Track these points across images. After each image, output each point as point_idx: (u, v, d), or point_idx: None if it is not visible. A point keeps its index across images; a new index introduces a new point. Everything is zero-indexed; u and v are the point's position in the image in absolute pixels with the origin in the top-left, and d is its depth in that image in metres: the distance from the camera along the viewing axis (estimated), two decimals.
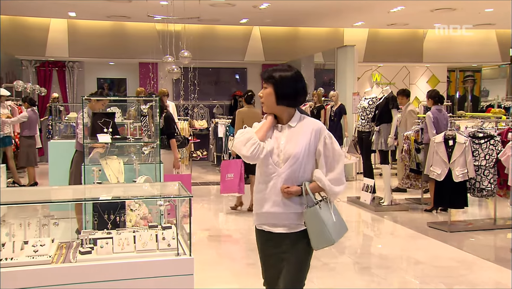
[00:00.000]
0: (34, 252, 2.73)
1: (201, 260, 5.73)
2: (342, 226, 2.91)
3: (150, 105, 4.50)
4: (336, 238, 2.82)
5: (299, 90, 2.84)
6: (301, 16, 13.72)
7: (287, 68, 2.86)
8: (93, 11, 12.68)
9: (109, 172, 4.17)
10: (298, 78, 2.84)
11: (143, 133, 5.98)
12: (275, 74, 2.82)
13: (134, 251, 2.87)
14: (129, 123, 4.59)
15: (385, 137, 8.07)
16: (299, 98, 2.86)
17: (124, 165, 4.44)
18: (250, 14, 13.39)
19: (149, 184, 3.81)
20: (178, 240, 2.96)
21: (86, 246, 2.85)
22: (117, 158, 4.32)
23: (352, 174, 11.54)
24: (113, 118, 4.44)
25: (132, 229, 3.12)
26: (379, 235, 7.39)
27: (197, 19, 13.31)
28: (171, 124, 6.42)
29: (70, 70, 15.23)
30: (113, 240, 2.87)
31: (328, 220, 2.78)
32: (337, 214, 2.89)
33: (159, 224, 3.20)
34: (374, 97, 8.67)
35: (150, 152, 4.58)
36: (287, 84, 2.81)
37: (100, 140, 4.17)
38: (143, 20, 13.70)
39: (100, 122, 4.26)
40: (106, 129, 4.26)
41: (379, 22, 14.52)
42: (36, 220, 2.94)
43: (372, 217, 8.03)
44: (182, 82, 12.65)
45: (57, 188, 4.68)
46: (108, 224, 3.15)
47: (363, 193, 8.62)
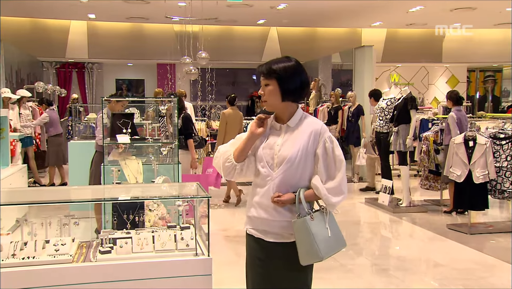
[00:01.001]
0: (56, 251, 2.77)
1: (219, 260, 5.74)
2: (338, 242, 2.58)
3: (169, 106, 4.53)
4: (325, 254, 2.49)
5: (304, 82, 2.57)
6: (319, 17, 13.68)
7: (286, 59, 2.57)
8: (112, 13, 12.82)
9: (128, 172, 4.21)
10: (301, 69, 2.56)
11: (161, 134, 6.03)
12: (276, 67, 2.52)
13: (153, 251, 2.90)
14: (148, 124, 4.61)
15: (404, 138, 8.00)
16: (305, 91, 2.60)
17: (143, 165, 4.48)
18: (268, 14, 13.41)
19: (168, 184, 3.83)
20: (196, 240, 2.98)
21: (106, 245, 2.88)
22: (136, 158, 4.36)
23: None
24: (132, 119, 4.48)
25: (151, 229, 3.15)
26: (397, 237, 7.33)
27: (215, 20, 13.38)
28: (188, 125, 6.46)
29: (89, 71, 15.42)
30: (132, 239, 2.89)
31: (318, 233, 2.48)
32: (334, 227, 2.58)
33: (177, 224, 3.22)
34: (393, 97, 8.60)
35: (168, 152, 4.62)
36: (292, 76, 2.52)
37: (119, 140, 4.21)
38: (161, 22, 13.82)
39: (119, 123, 4.31)
40: (125, 130, 4.31)
41: (397, 22, 14.42)
42: (57, 220, 2.98)
43: (390, 218, 7.96)
44: (200, 83, 12.71)
45: (77, 188, 4.75)
46: (127, 224, 3.18)
47: (381, 194, 8.55)
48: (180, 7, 11.51)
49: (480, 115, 11.57)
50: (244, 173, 2.61)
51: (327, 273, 5.30)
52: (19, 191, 4.11)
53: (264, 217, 2.58)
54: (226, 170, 2.62)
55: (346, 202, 9.24)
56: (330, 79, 14.04)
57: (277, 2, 11.87)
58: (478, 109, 16.92)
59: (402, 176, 8.32)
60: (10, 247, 2.76)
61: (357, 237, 6.90)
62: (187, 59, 10.95)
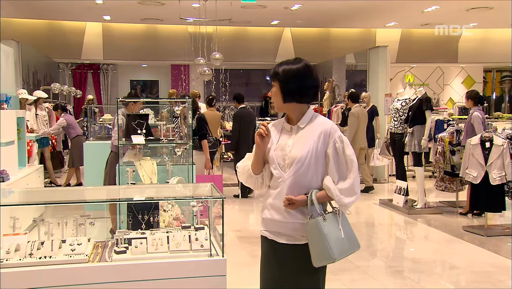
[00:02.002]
0: (72, 250, 2.79)
1: (233, 261, 5.75)
2: (351, 243, 2.56)
3: (183, 107, 4.55)
4: (338, 255, 2.48)
5: (306, 84, 2.55)
6: (333, 17, 13.64)
7: (293, 62, 2.59)
8: (127, 14, 12.91)
9: (143, 173, 4.23)
10: (305, 71, 2.56)
11: (175, 135, 6.05)
12: (279, 69, 2.58)
13: (168, 251, 2.91)
14: (162, 124, 4.63)
15: (419, 139, 7.94)
16: (307, 93, 2.57)
17: (158, 166, 4.50)
18: (281, 15, 13.39)
19: (182, 184, 3.84)
20: (210, 241, 2.98)
21: (121, 245, 2.89)
22: (150, 159, 4.38)
23: (384, 176, 11.38)
24: (146, 120, 4.51)
25: (165, 230, 3.16)
26: (412, 238, 7.27)
27: (229, 21, 13.40)
28: (203, 126, 6.47)
29: (104, 72, 15.55)
30: (147, 240, 2.91)
31: (331, 234, 2.46)
32: (347, 228, 2.55)
33: (192, 225, 3.23)
34: (407, 98, 8.55)
35: (182, 153, 4.63)
36: (292, 78, 2.54)
37: (134, 141, 4.23)
38: (175, 23, 13.88)
39: (134, 124, 4.33)
40: (140, 130, 4.33)
41: (412, 22, 14.31)
42: (73, 220, 3.00)
43: (405, 220, 7.90)
44: (214, 84, 12.75)
45: (92, 188, 4.78)
46: (142, 224, 3.20)
47: (396, 195, 8.49)
48: (194, 8, 11.54)
49: (497, 116, 11.42)
50: (266, 182, 2.65)
51: (342, 274, 5.27)
52: (35, 191, 4.16)
53: (277, 219, 2.59)
54: (252, 184, 2.68)
55: (360, 203, 9.21)
56: (344, 80, 13.98)
57: (291, 3, 11.85)
58: (495, 110, 16.72)
59: (417, 177, 8.26)
60: (28, 246, 2.79)
61: (372, 239, 6.86)
62: (201, 60, 10.98)
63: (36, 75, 12.16)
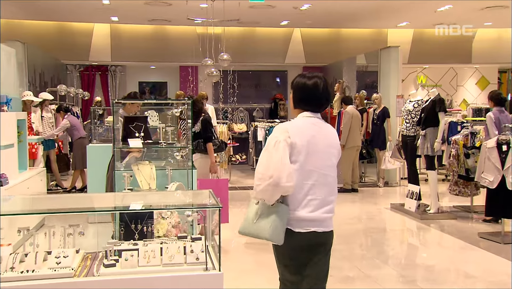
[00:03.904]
0: (57, 264, 2.60)
1: (238, 268, 5.56)
2: (260, 230, 2.74)
3: (182, 109, 4.35)
4: (241, 229, 2.82)
5: (310, 97, 2.89)
6: (343, 17, 13.40)
7: (307, 76, 2.95)
8: (135, 15, 12.78)
9: (141, 178, 4.04)
10: (313, 86, 2.89)
11: (182, 137, 5.85)
12: (295, 80, 2.99)
13: (160, 264, 2.70)
14: (161, 127, 4.43)
15: (432, 141, 7.68)
16: (310, 104, 2.90)
17: (158, 171, 4.30)
18: (291, 16, 13.18)
19: (180, 191, 3.64)
20: (207, 253, 2.77)
21: (111, 258, 2.69)
22: (149, 163, 4.18)
23: (396, 179, 11.11)
24: (145, 122, 4.31)
25: (159, 240, 2.96)
26: (425, 245, 7.00)
27: (237, 22, 13.21)
28: (208, 128, 6.26)
29: (112, 74, 15.44)
30: (139, 252, 2.71)
31: (249, 213, 2.81)
32: (266, 218, 2.73)
33: (189, 234, 3.02)
34: (420, 99, 8.29)
35: (183, 157, 4.43)
36: (300, 90, 2.92)
37: (131, 145, 4.04)
38: (183, 24, 13.73)
39: (132, 126, 4.14)
40: (138, 133, 4.13)
41: (425, 22, 14.01)
42: (61, 229, 2.81)
43: (418, 225, 7.64)
44: (222, 85, 12.55)
45: (85, 195, 4.58)
46: (135, 234, 3.00)
47: (408, 199, 8.23)
48: (202, 9, 11.37)
49: None
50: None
51: (351, 283, 5.05)
52: (31, 199, 3.96)
53: None
54: None
55: (371, 207, 8.97)
56: (354, 81, 13.75)
57: (300, 3, 11.63)
58: (510, 111, 16.31)
59: (430, 181, 7.99)
60: (9, 259, 2.60)
61: (383, 245, 6.61)
62: (208, 61, 10.80)
63: (43, 77, 12.05)
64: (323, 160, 2.82)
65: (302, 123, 2.87)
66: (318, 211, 2.76)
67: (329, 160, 2.85)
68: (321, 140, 2.84)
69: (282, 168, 2.65)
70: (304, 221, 2.74)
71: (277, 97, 16.49)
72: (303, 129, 2.82)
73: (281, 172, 2.64)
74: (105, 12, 12.38)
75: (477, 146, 7.67)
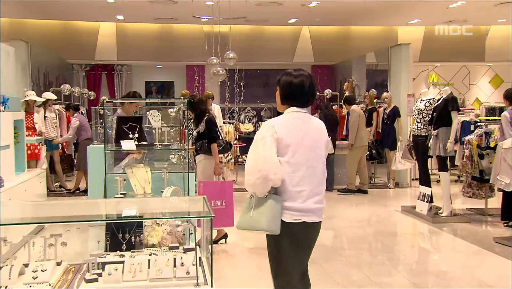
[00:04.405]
0: (33, 278, 2.38)
1: (241, 273, 5.34)
2: (255, 223, 2.87)
3: (178, 108, 4.12)
4: (239, 223, 2.96)
5: (297, 93, 3.03)
6: (353, 15, 13.12)
7: (293, 73, 3.08)
8: (140, 13, 12.60)
9: (135, 182, 3.81)
10: (300, 83, 3.03)
11: (184, 139, 5.63)
12: (282, 77, 3.10)
13: (147, 279, 2.47)
14: (157, 128, 4.21)
15: (444, 142, 7.39)
16: (297, 100, 3.03)
17: (156, 174, 4.07)
18: (299, 13, 12.94)
19: (175, 197, 3.41)
20: (199, 266, 2.54)
21: (94, 272, 2.47)
22: (144, 166, 3.96)
23: (406, 180, 10.82)
24: (140, 122, 4.08)
25: (148, 251, 2.73)
26: (438, 250, 6.71)
27: (244, 20, 12.99)
28: (212, 128, 6.02)
29: (118, 73, 15.29)
30: (124, 265, 2.48)
31: (245, 208, 2.95)
32: (260, 210, 2.86)
33: (183, 244, 2.79)
34: (432, 98, 8.01)
35: (181, 159, 4.19)
36: (288, 87, 3.05)
37: (124, 147, 3.81)
38: (189, 22, 13.53)
39: (126, 127, 3.91)
40: (132, 134, 3.91)
41: (436, 19, 13.68)
42: (41, 240, 2.59)
43: (429, 229, 7.35)
44: (228, 84, 12.33)
45: (75, 202, 4.37)
46: (123, 244, 2.77)
47: (419, 202, 7.95)
48: (208, 7, 11.17)
49: None
50: None
51: None
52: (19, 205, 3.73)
53: None
54: None
55: (381, 210, 8.69)
56: (364, 79, 13.47)
57: (308, 1, 11.39)
58: None
59: (442, 182, 7.70)
60: None
61: (393, 250, 6.34)
62: (214, 59, 10.58)
63: (48, 77, 11.91)
64: (310, 152, 2.96)
65: (288, 118, 3.01)
66: (308, 201, 2.91)
67: (316, 152, 2.99)
68: (307, 134, 2.98)
69: (269, 161, 2.80)
70: (295, 212, 2.89)
71: None
72: (289, 124, 2.97)
73: (268, 165, 2.79)
74: (110, 10, 12.21)
75: (491, 146, 7.38)
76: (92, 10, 12.26)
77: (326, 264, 5.60)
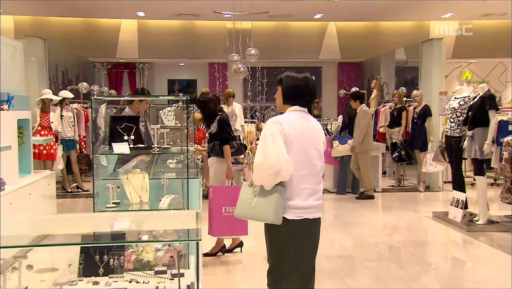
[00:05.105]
0: None
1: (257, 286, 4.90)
2: (261, 213, 2.92)
3: (176, 106, 3.69)
4: (238, 210, 3.01)
5: (299, 93, 3.09)
6: (381, 9, 12.54)
7: (295, 73, 3.14)
8: (161, 9, 12.30)
9: (130, 190, 3.41)
10: (302, 83, 3.10)
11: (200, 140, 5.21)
12: (283, 77, 3.15)
13: None
14: (156, 128, 3.80)
15: (480, 143, 6.80)
16: (300, 100, 3.09)
17: (155, 180, 3.66)
18: (325, 8, 12.45)
19: (163, 212, 2.99)
20: None
21: None
22: (141, 172, 3.55)
23: (438, 183, 10.19)
24: (137, 122, 3.66)
25: (129, 277, 2.31)
26: (473, 262, 6.12)
27: (268, 15, 12.56)
28: (225, 129, 5.58)
29: (140, 72, 15.06)
30: None
31: (243, 197, 3.01)
32: (265, 201, 2.90)
33: (169, 268, 2.36)
34: (466, 96, 7.41)
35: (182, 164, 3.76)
36: (290, 87, 3.10)
37: (115, 150, 3.41)
38: (211, 18, 13.18)
39: (120, 127, 3.50)
40: (126, 136, 3.50)
41: (471, 13, 12.96)
42: None
43: (464, 238, 6.77)
44: (250, 82, 11.91)
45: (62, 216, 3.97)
46: (100, 268, 2.36)
47: (452, 208, 7.36)
48: (229, 2, 10.77)
49: None
50: None
51: None
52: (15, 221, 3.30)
53: None
54: None
55: (410, 215, 8.12)
56: (393, 77, 12.86)
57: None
58: None
59: (478, 188, 7.09)
60: None
61: (424, 263, 5.79)
62: (235, 56, 10.18)
63: (66, 75, 11.69)
64: (312, 150, 3.03)
65: (292, 116, 3.05)
66: (310, 199, 3.00)
67: (316, 150, 3.06)
68: (309, 132, 3.06)
69: (282, 158, 2.85)
70: (298, 209, 2.96)
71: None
72: (294, 122, 3.02)
73: (282, 162, 2.84)
74: (131, 6, 11.94)
75: None
76: (113, 7, 12.01)
77: (349, 278, 5.12)
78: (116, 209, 3.31)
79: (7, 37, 6.58)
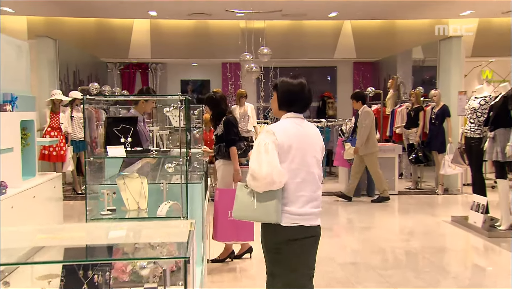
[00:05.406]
0: None
1: None
2: (262, 214, 2.93)
3: (175, 106, 3.50)
4: (235, 211, 3.01)
5: (295, 98, 3.06)
6: (398, 7, 12.23)
7: (291, 79, 3.11)
8: (173, 8, 12.16)
9: (127, 196, 3.22)
10: (297, 89, 3.07)
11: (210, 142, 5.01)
12: (279, 82, 3.15)
13: None
14: (156, 130, 3.60)
15: (502, 145, 6.48)
16: (295, 105, 3.07)
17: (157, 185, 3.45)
18: (340, 6, 12.17)
19: (157, 222, 2.79)
20: None
21: None
22: (139, 177, 3.35)
23: (457, 185, 9.85)
24: (134, 124, 3.47)
25: None
26: (495, 270, 5.80)
27: (281, 14, 12.33)
28: (231, 130, 5.38)
29: (153, 72, 14.94)
30: None
31: (241, 198, 2.99)
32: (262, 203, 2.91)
33: (161, 284, 2.15)
34: (487, 96, 7.11)
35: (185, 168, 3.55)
36: (286, 92, 3.08)
37: (110, 153, 3.21)
38: (223, 17, 12.99)
39: (117, 129, 3.31)
40: (123, 138, 3.31)
41: (491, 10, 12.58)
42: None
43: (485, 244, 6.46)
44: (262, 82, 11.70)
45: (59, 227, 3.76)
46: (84, 284, 2.16)
47: (473, 212, 7.06)
48: (242, 1, 10.57)
49: None
50: None
51: None
52: None
53: None
54: None
55: (428, 220, 7.82)
56: (410, 76, 12.54)
57: None
58: None
59: (500, 191, 6.78)
60: None
61: (442, 271, 5.51)
62: (247, 55, 9.97)
63: (78, 75, 11.60)
64: (309, 158, 3.00)
65: (287, 124, 3.04)
66: (306, 206, 2.97)
67: (314, 157, 3.03)
68: (305, 139, 3.03)
69: (275, 169, 2.85)
70: (293, 216, 2.95)
71: (326, 96, 15.51)
72: (289, 130, 3.00)
73: (275, 173, 2.84)
74: (142, 6, 11.80)
75: None
76: (124, 6, 11.88)
77: (362, 287, 4.87)
78: (111, 216, 3.11)
79: (14, 37, 6.45)
